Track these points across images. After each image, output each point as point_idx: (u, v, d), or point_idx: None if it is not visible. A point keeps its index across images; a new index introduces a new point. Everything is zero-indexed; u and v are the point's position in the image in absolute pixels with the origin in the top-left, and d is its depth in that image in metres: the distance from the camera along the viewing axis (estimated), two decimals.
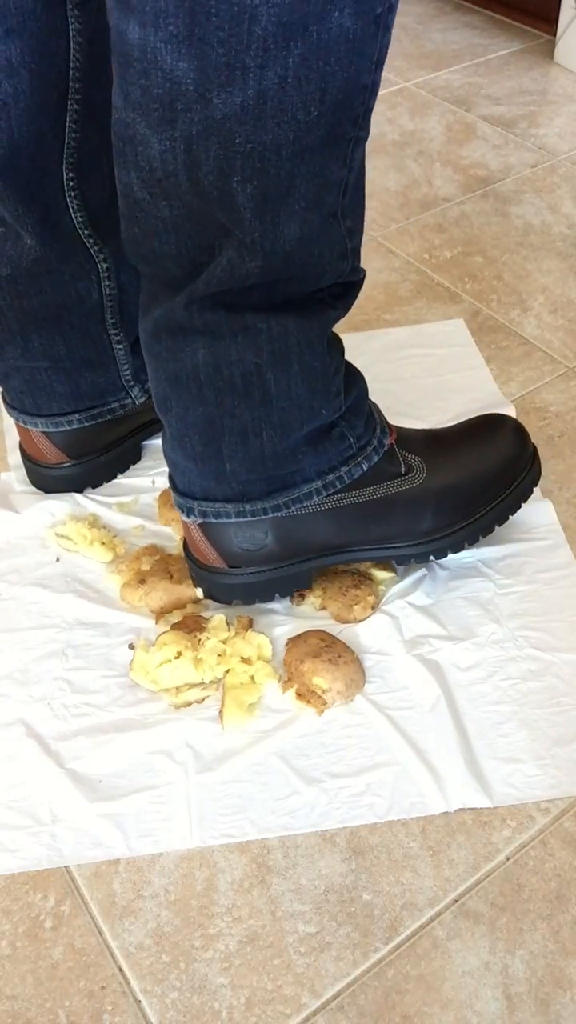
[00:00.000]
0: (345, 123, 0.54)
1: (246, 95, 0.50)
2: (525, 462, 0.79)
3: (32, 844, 0.66)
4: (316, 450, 0.71)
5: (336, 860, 0.64)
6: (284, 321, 0.63)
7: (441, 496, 0.76)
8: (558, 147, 1.37)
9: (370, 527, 0.75)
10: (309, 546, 0.75)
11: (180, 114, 0.51)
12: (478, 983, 0.59)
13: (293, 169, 0.54)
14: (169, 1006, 0.59)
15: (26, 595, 0.81)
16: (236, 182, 0.54)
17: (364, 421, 0.73)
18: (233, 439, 0.68)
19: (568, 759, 0.68)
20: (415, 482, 0.75)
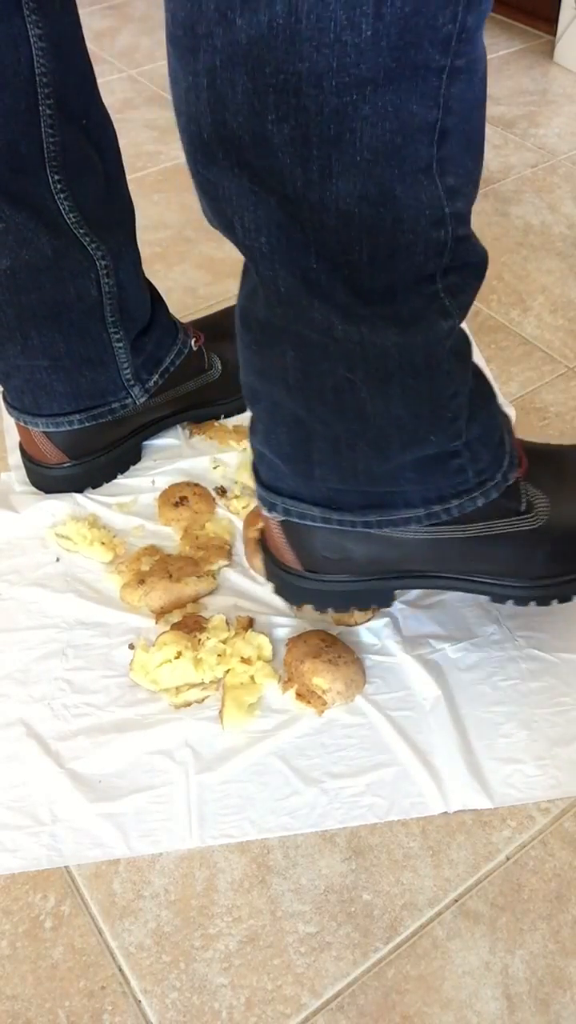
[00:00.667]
0: (425, 45, 0.42)
1: (274, 11, 0.40)
2: None
3: (32, 844, 0.66)
4: (424, 477, 0.62)
5: (336, 860, 0.64)
6: (382, 335, 0.53)
7: (560, 541, 0.67)
8: (558, 147, 1.37)
9: (471, 562, 0.68)
10: (398, 567, 0.69)
11: (201, 40, 0.43)
12: (478, 983, 0.59)
13: (345, 107, 0.43)
14: (169, 1006, 0.59)
15: (26, 595, 0.81)
16: (271, 122, 0.44)
17: (492, 452, 0.63)
18: (324, 446, 0.60)
19: (568, 759, 0.68)
20: (534, 524, 0.66)
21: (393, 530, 0.65)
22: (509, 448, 0.65)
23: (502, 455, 0.64)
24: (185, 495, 0.86)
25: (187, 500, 0.86)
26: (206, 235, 1.22)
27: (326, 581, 0.70)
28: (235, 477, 0.90)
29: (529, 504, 0.66)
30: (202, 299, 1.12)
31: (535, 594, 0.69)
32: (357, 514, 0.65)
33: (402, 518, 0.64)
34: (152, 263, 1.18)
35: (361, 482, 0.63)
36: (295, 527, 0.68)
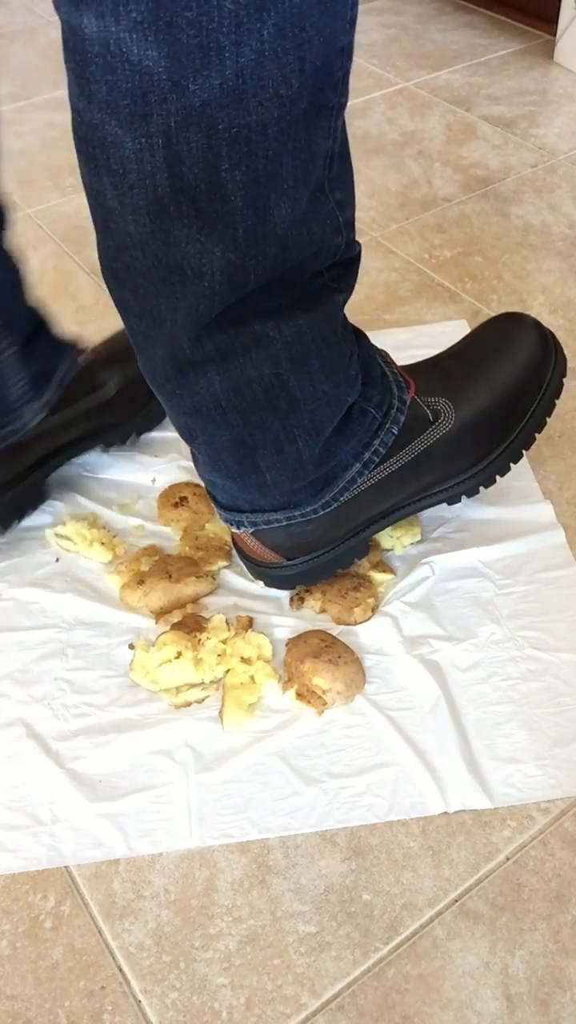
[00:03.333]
0: (327, 90, 0.51)
1: (224, 76, 0.47)
2: (549, 357, 0.77)
3: (32, 844, 0.66)
4: (345, 436, 0.69)
5: (336, 860, 0.64)
6: (294, 321, 0.60)
7: (476, 428, 0.75)
8: (558, 147, 1.37)
9: (417, 482, 0.75)
10: (362, 521, 0.75)
11: (154, 107, 0.48)
12: (478, 983, 0.59)
13: (280, 148, 0.51)
14: (169, 1006, 0.59)
15: (26, 595, 0.81)
16: (224, 171, 0.50)
17: (379, 385, 0.71)
18: (267, 452, 0.66)
19: (568, 759, 0.68)
20: (447, 426, 0.74)
21: (347, 495, 0.72)
22: (392, 377, 0.72)
23: (388, 384, 0.71)
24: (185, 495, 0.86)
25: (187, 500, 0.86)
26: None
27: (308, 560, 0.75)
28: None
29: (434, 412, 0.74)
30: None
31: (478, 480, 0.77)
32: (315, 501, 0.71)
33: (348, 481, 0.71)
34: None
35: (309, 471, 0.68)
36: (265, 532, 0.73)
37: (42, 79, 1.62)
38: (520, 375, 0.76)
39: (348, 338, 0.66)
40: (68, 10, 0.46)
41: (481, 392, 0.75)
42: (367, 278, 1.14)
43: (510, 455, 0.77)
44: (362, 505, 0.73)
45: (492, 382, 0.76)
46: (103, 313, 1.11)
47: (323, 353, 0.63)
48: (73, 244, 1.23)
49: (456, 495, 0.77)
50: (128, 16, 0.45)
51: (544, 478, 0.88)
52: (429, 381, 0.75)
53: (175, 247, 0.54)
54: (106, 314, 1.11)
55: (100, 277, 1.17)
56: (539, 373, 0.77)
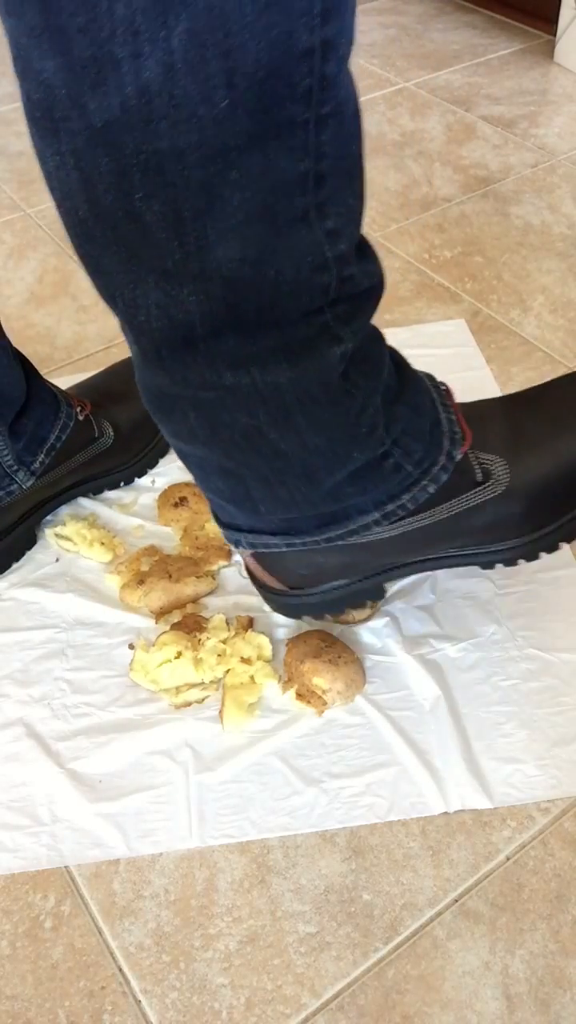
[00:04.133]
0: (287, 104, 0.41)
1: (124, 94, 0.40)
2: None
3: (32, 844, 0.66)
4: (365, 486, 0.61)
5: (336, 860, 0.64)
6: (270, 375, 0.52)
7: (530, 498, 0.65)
8: (558, 147, 1.37)
9: (449, 540, 0.66)
10: (377, 565, 0.68)
11: (60, 123, 0.42)
12: (478, 983, 0.59)
13: (210, 177, 0.43)
14: (169, 1006, 0.59)
15: (26, 595, 0.81)
16: (139, 199, 0.43)
17: (426, 439, 0.61)
18: (257, 485, 0.60)
19: (568, 759, 0.68)
20: (496, 490, 0.64)
21: (358, 538, 0.65)
22: (447, 428, 0.63)
23: (439, 438, 0.62)
24: (185, 495, 0.86)
25: (187, 500, 0.86)
26: None
27: (314, 594, 0.71)
28: None
29: (486, 472, 0.64)
30: None
31: (520, 552, 0.68)
32: (316, 534, 0.64)
33: (361, 526, 0.64)
34: None
35: (305, 509, 0.62)
36: (266, 555, 0.68)
37: None
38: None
39: (358, 393, 0.56)
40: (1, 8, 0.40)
41: (545, 459, 0.65)
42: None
43: (564, 533, 0.67)
44: (383, 552, 0.66)
45: (560, 448, 0.65)
46: (103, 313, 1.11)
47: (310, 410, 0.54)
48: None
49: (492, 563, 0.69)
50: (24, 18, 0.39)
51: None
52: (490, 433, 0.65)
53: (107, 275, 0.49)
54: (106, 314, 1.11)
55: None
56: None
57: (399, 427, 0.60)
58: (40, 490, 0.83)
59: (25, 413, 0.79)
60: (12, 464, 0.79)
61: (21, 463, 0.79)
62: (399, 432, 0.60)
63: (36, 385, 0.80)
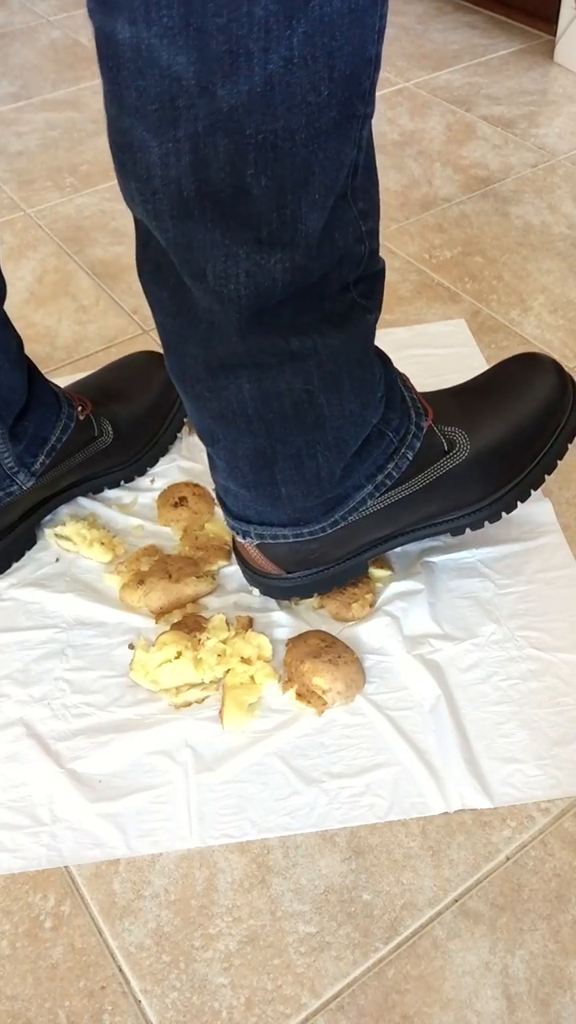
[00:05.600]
0: (355, 100, 0.51)
1: (252, 82, 0.47)
2: (567, 400, 0.77)
3: (32, 844, 0.66)
4: (362, 458, 0.69)
5: (336, 860, 0.64)
6: (329, 339, 0.60)
7: (488, 462, 0.75)
8: (558, 147, 1.37)
9: (423, 510, 0.75)
10: (364, 543, 0.75)
11: (183, 111, 0.48)
12: (478, 983, 0.59)
13: (309, 155, 0.51)
14: (169, 1006, 0.59)
15: (26, 595, 0.81)
16: (250, 175, 0.50)
17: (399, 410, 0.71)
18: (286, 464, 0.66)
19: (568, 759, 0.68)
20: (461, 457, 0.74)
21: (355, 516, 0.72)
22: (411, 402, 0.72)
23: (407, 409, 0.71)
24: (184, 495, 0.86)
25: (186, 500, 0.86)
26: None
27: (308, 575, 0.75)
28: None
29: (450, 442, 0.74)
30: None
31: (484, 514, 0.77)
32: (324, 520, 0.71)
33: (358, 502, 0.71)
34: None
35: (325, 489, 0.68)
36: (270, 545, 0.73)
37: (42, 79, 1.62)
38: (536, 415, 0.76)
39: (376, 360, 0.67)
40: (101, 17, 0.47)
41: (497, 427, 0.75)
42: None
43: (518, 493, 0.77)
44: (367, 528, 0.73)
45: (509, 418, 0.76)
46: (103, 313, 1.11)
47: (355, 373, 0.63)
48: (73, 244, 1.23)
49: (460, 527, 0.77)
50: (159, 22, 0.45)
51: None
52: (447, 410, 0.75)
53: (200, 251, 0.54)
54: (106, 314, 1.11)
55: (100, 277, 1.18)
56: (555, 415, 0.77)
57: (386, 397, 0.68)
58: (39, 490, 0.83)
59: (26, 415, 0.79)
60: (12, 465, 0.79)
61: (21, 464, 0.79)
62: (386, 402, 0.69)
63: (38, 386, 0.80)
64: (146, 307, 1.11)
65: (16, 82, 1.61)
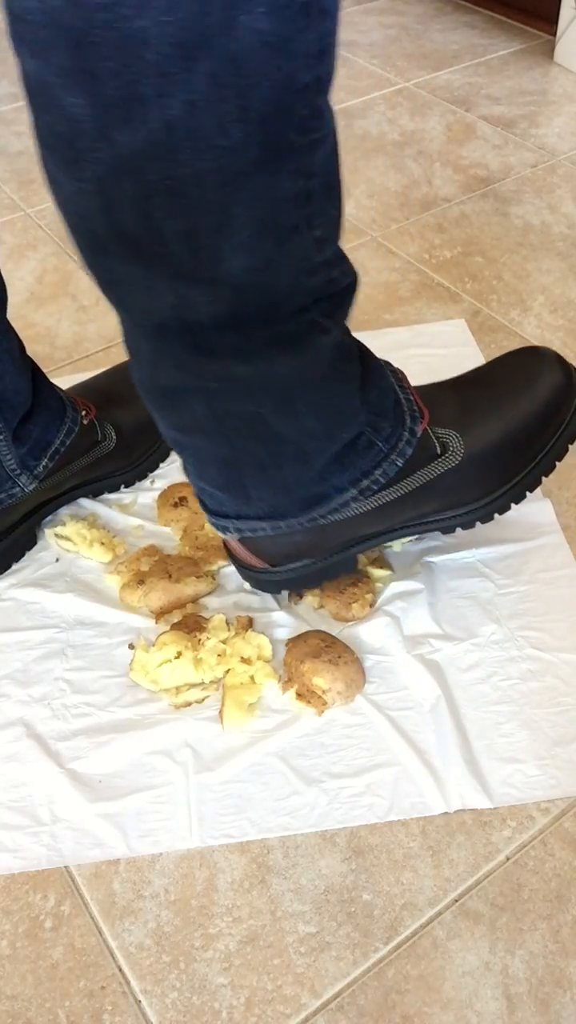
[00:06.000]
0: (287, 132, 0.47)
1: (151, 128, 0.44)
2: (571, 398, 0.74)
3: (32, 844, 0.66)
4: (343, 465, 0.67)
5: (336, 860, 0.64)
6: (274, 365, 0.57)
7: (483, 464, 0.73)
8: (558, 147, 1.37)
9: (415, 509, 0.73)
10: (352, 540, 0.74)
11: (83, 154, 0.46)
12: (478, 983, 0.59)
13: (225, 198, 0.47)
14: (169, 1006, 0.59)
15: (26, 595, 0.81)
16: (158, 219, 0.48)
17: (391, 417, 0.68)
18: (252, 472, 0.65)
19: (568, 759, 0.68)
20: (454, 460, 0.71)
21: (338, 516, 0.70)
22: (407, 406, 0.69)
23: (401, 415, 0.69)
24: (184, 495, 0.86)
25: (186, 500, 0.86)
26: None
27: (295, 568, 0.75)
28: None
29: (443, 445, 0.71)
30: None
31: (477, 515, 0.75)
32: (301, 516, 0.69)
33: (341, 503, 0.69)
34: None
35: (295, 492, 0.67)
36: (251, 539, 0.72)
37: None
38: (536, 415, 0.74)
39: (346, 375, 0.63)
40: (15, 45, 0.44)
41: (493, 428, 0.73)
42: (367, 278, 1.14)
43: (513, 495, 0.75)
44: (355, 526, 0.72)
45: (506, 418, 0.73)
46: (103, 313, 1.11)
47: (309, 396, 0.61)
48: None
49: (451, 527, 0.76)
50: (53, 61, 0.42)
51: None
52: (443, 409, 0.72)
53: (121, 285, 0.53)
54: (106, 314, 1.11)
55: None
56: (557, 415, 0.74)
57: (369, 407, 0.66)
58: (41, 492, 0.83)
59: (31, 418, 0.79)
60: (15, 468, 0.79)
61: (24, 467, 0.79)
62: (369, 411, 0.66)
63: (43, 390, 0.80)
64: None
65: (16, 82, 1.61)
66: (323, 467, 0.66)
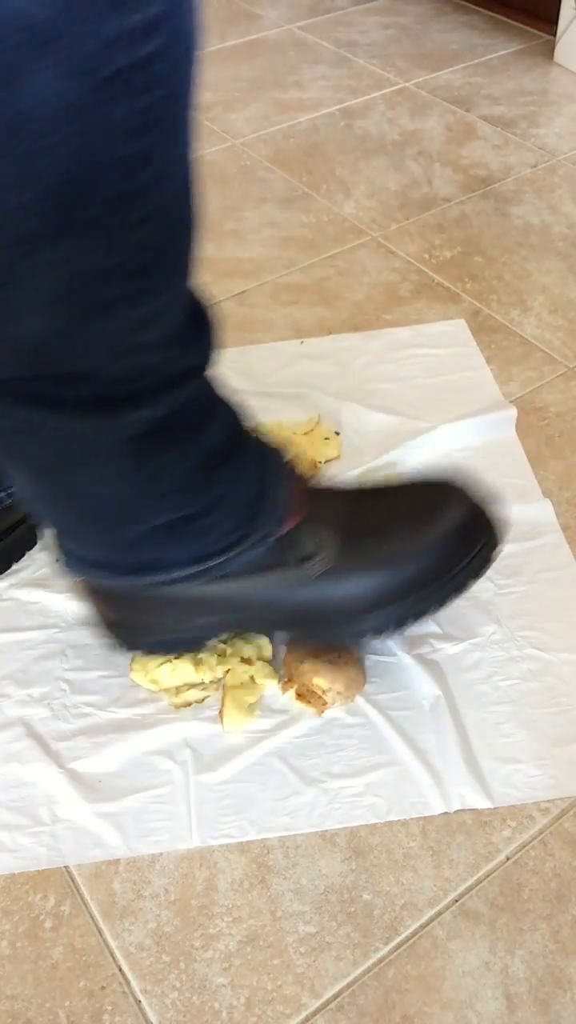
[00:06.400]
0: (90, 206, 0.43)
1: None
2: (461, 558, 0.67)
3: (32, 844, 0.66)
4: (174, 540, 0.62)
5: (336, 860, 0.64)
6: (68, 421, 0.53)
7: (345, 589, 0.66)
8: (558, 147, 1.37)
9: (269, 612, 0.68)
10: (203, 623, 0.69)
11: None
12: (478, 983, 0.59)
13: (16, 258, 0.44)
14: (169, 1006, 0.59)
15: (26, 595, 0.81)
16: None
17: (242, 511, 0.62)
18: (67, 518, 0.62)
19: (568, 759, 0.68)
20: (314, 571, 0.65)
21: (175, 589, 0.65)
22: (273, 504, 0.64)
23: (259, 512, 0.63)
24: None
25: None
26: (205, 235, 1.22)
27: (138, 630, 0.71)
28: None
29: (309, 553, 0.65)
30: None
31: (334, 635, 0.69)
32: (133, 577, 0.65)
33: (175, 577, 0.64)
34: None
35: (117, 549, 0.63)
36: (90, 585, 0.69)
37: None
38: (420, 568, 0.66)
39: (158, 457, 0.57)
40: None
41: (366, 559, 0.66)
42: (367, 278, 1.14)
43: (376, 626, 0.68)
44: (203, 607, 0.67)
45: (382, 556, 0.66)
46: None
47: (96, 463, 0.56)
48: None
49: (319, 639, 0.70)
50: None
51: (544, 478, 0.88)
52: (328, 517, 0.66)
53: None
54: None
55: None
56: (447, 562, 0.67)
57: (216, 494, 0.61)
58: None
59: None
60: None
61: None
62: (215, 498, 0.61)
63: None
64: None
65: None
66: (141, 536, 0.62)
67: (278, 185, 1.31)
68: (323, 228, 1.23)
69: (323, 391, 0.97)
